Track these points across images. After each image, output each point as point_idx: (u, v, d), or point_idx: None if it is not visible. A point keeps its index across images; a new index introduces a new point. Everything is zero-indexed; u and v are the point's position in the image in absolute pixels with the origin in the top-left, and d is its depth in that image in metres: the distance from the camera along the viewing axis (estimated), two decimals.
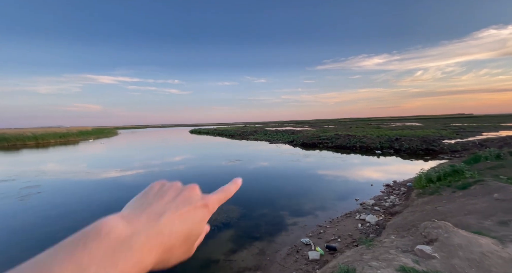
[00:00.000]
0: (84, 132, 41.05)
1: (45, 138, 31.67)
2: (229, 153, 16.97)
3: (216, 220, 5.06)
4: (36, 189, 8.01)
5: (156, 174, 10.25)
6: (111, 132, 52.31)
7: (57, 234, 4.67)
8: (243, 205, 6.03)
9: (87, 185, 8.60)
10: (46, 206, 6.43)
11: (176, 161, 13.62)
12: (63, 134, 35.45)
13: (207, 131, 49.07)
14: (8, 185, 8.71)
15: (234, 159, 13.56)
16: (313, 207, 5.84)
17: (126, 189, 7.95)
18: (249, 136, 32.13)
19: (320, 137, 20.44)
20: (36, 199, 6.98)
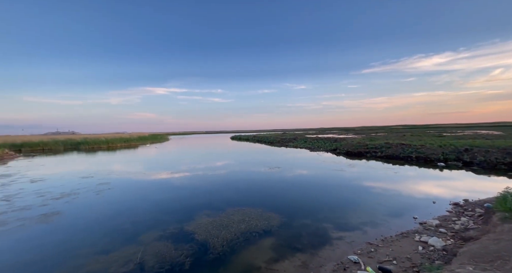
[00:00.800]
0: (142, 138, 47.08)
1: (114, 142, 37.50)
2: (269, 159, 17.01)
3: (257, 226, 5.07)
4: (107, 186, 9.47)
5: (200, 177, 10.96)
6: (164, 138, 58.60)
7: (122, 226, 5.38)
8: (284, 213, 5.90)
9: (143, 185, 9.75)
10: (114, 200, 7.52)
11: (218, 166, 14.33)
12: (127, 139, 41.39)
13: (247, 138, 50.43)
14: (89, 181, 10.53)
15: (274, 166, 13.50)
16: (360, 221, 5.33)
17: (173, 190, 8.71)
18: (288, 143, 31.69)
19: (368, 146, 18.75)
20: (107, 194, 8.24)
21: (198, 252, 4.09)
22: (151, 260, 3.84)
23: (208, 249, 4.19)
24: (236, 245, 4.32)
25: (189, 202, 7.09)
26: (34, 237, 4.94)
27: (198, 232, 4.87)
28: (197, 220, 5.56)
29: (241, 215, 5.80)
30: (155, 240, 4.56)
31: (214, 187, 8.95)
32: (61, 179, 11.09)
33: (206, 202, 7.05)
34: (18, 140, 32.68)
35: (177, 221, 5.52)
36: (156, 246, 4.33)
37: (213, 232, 4.85)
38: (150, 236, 4.77)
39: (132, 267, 3.67)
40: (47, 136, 46.94)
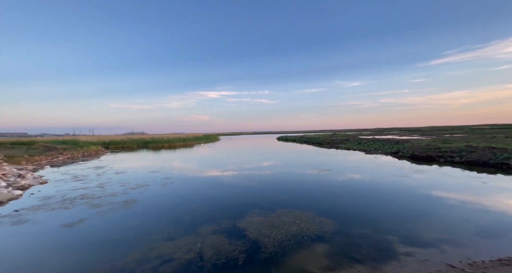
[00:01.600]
0: (197, 138, 51.91)
1: (174, 141, 42.54)
2: (317, 161, 16.24)
3: (309, 230, 4.87)
4: (170, 180, 10.76)
5: (249, 176, 11.29)
6: (215, 138, 63.22)
7: (183, 217, 5.99)
8: (337, 219, 5.50)
9: (199, 181, 10.66)
10: (175, 193, 8.47)
11: (265, 166, 14.48)
12: (184, 139, 46.35)
13: (293, 138, 49.54)
14: (156, 175, 12.19)
15: (324, 168, 12.81)
16: (436, 238, 4.49)
17: (225, 187, 9.22)
18: (339, 145, 29.62)
19: (440, 149, 15.83)
20: (170, 187, 9.35)
21: (250, 250, 4.19)
22: (208, 251, 4.14)
23: (260, 248, 4.24)
24: (287, 247, 4.24)
25: (239, 200, 7.37)
26: (119, 218, 5.99)
27: (249, 229, 4.99)
28: (247, 218, 5.72)
29: (291, 217, 5.68)
30: (211, 233, 4.90)
31: (262, 187, 9.08)
32: (136, 172, 13.18)
33: (255, 201, 7.20)
34: (106, 139, 40.64)
35: (230, 217, 5.80)
36: (212, 238, 4.64)
37: (264, 231, 4.89)
38: (207, 229, 5.15)
39: (193, 255, 4.03)
40: (125, 136, 56.81)
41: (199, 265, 3.74)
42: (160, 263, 3.80)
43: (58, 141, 29.93)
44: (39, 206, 7.06)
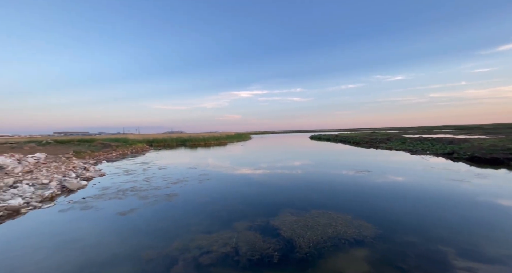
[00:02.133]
0: (230, 137, 53.63)
1: (209, 140, 44.71)
2: (354, 161, 15.27)
3: (346, 233, 4.62)
4: (206, 176, 11.35)
5: (281, 175, 11.22)
6: (247, 137, 64.45)
7: (219, 212, 6.27)
8: (378, 224, 5.10)
9: (233, 178, 11.01)
10: (211, 189, 8.91)
11: (297, 165, 14.20)
12: (218, 137, 48.34)
13: (327, 137, 47.48)
14: (193, 171, 13.01)
15: (362, 169, 11.99)
16: (504, 254, 3.82)
17: (258, 185, 9.33)
18: (380, 144, 27.35)
19: (511, 150, 13.37)
20: (207, 183, 9.87)
21: (284, 248, 4.17)
22: (244, 247, 4.26)
23: (295, 247, 4.19)
24: (323, 249, 4.10)
25: (272, 198, 7.39)
26: (163, 210, 6.57)
27: (283, 228, 4.98)
28: (281, 216, 5.71)
29: (326, 218, 5.47)
30: (246, 229, 5.02)
31: (295, 186, 8.94)
32: (176, 168, 14.26)
33: (288, 200, 7.13)
34: (150, 137, 44.88)
35: (263, 215, 5.86)
36: (247, 234, 4.76)
37: (298, 231, 4.81)
38: (241, 225, 5.30)
39: (229, 249, 4.19)
40: (166, 134, 61.94)
41: (235, 259, 3.88)
42: (199, 254, 4.05)
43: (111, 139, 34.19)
44: (99, 195, 8.19)
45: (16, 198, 7.08)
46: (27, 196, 7.45)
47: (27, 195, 7.52)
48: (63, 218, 6.10)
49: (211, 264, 3.76)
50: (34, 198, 7.39)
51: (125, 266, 3.79)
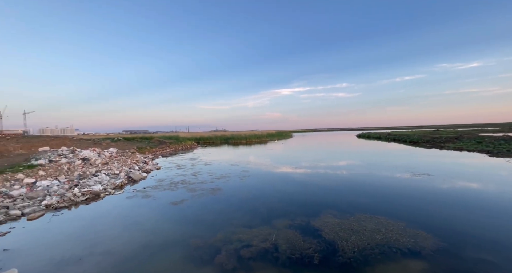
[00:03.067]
0: (270, 135, 53.95)
1: (250, 138, 45.91)
2: (411, 163, 13.47)
3: (398, 242, 4.15)
4: (247, 173, 11.72)
5: (323, 175, 10.74)
6: (288, 135, 63.70)
7: (259, 209, 6.42)
8: (441, 235, 4.40)
9: (273, 176, 11.06)
10: (252, 186, 9.17)
11: (342, 166, 13.33)
12: (259, 136, 49.19)
13: (378, 136, 43.15)
14: (235, 168, 13.60)
15: (420, 172, 10.51)
16: None
17: (298, 184, 9.14)
18: (445, 144, 23.45)
19: None
20: (248, 180, 10.20)
21: (326, 250, 4.01)
22: (283, 244, 4.27)
23: (337, 250, 3.99)
24: (370, 255, 3.78)
25: (313, 198, 7.16)
26: (208, 203, 7.09)
27: (324, 230, 4.78)
28: (322, 218, 5.49)
29: (374, 223, 5.01)
30: (285, 227, 5.02)
31: (339, 187, 8.44)
32: (219, 164, 15.15)
33: (331, 201, 6.79)
34: (197, 135, 48.75)
35: (304, 215, 5.74)
36: (286, 232, 4.75)
37: (341, 234, 4.55)
38: (281, 222, 5.31)
39: (269, 245, 4.26)
40: (211, 133, 66.20)
41: (274, 256, 3.92)
42: (240, 247, 4.25)
43: (166, 137, 38.43)
44: (156, 186, 9.35)
45: (97, 184, 8.69)
46: (104, 183, 9.05)
47: (104, 182, 9.15)
48: (129, 204, 7.20)
49: (251, 257, 3.90)
50: (109, 185, 8.93)
51: (177, 250, 4.25)
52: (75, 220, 5.96)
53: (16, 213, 6.02)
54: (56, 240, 4.77)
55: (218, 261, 3.82)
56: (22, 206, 6.51)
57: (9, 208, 6.34)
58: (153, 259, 3.98)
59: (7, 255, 4.13)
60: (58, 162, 11.39)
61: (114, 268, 3.71)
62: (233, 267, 3.65)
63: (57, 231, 5.26)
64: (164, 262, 3.86)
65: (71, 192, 7.72)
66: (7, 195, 7.16)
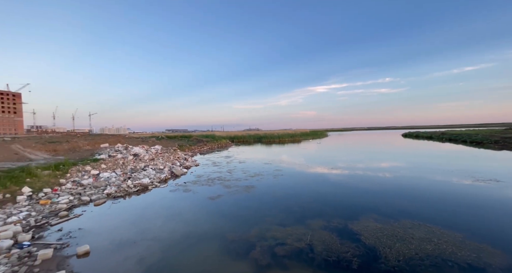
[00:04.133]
0: (304, 134, 52.58)
1: (283, 137, 45.50)
2: (473, 167, 11.62)
3: (456, 255, 3.65)
4: (280, 172, 11.68)
5: (360, 177, 10.03)
6: (323, 134, 61.17)
7: (292, 208, 6.35)
8: None
9: (308, 176, 10.79)
10: (285, 185, 9.11)
11: (384, 168, 12.23)
12: (292, 135, 48.38)
13: (429, 135, 38.38)
14: (268, 166, 13.68)
15: (484, 178, 9.01)
16: None
17: (334, 185, 8.73)
18: None
19: None
20: (281, 179, 10.16)
21: (366, 256, 3.77)
22: (318, 245, 4.15)
23: (379, 257, 3.71)
24: (418, 266, 3.42)
25: (351, 201, 6.77)
26: (243, 199, 7.31)
27: (364, 234, 4.49)
28: (362, 221, 5.15)
29: (424, 232, 4.50)
30: (320, 228, 4.87)
31: (381, 191, 7.79)
32: (253, 162, 15.43)
33: (371, 205, 6.32)
34: (232, 134, 50.42)
35: (340, 217, 5.48)
36: (321, 234, 4.61)
37: (384, 240, 4.21)
38: (316, 223, 5.16)
39: (303, 245, 4.20)
40: (244, 132, 67.71)
41: (310, 256, 3.85)
42: (274, 244, 4.28)
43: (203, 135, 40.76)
44: (195, 181, 10.03)
45: (145, 178, 9.74)
46: (151, 177, 10.09)
47: (151, 176, 10.20)
48: (172, 196, 7.88)
49: (286, 255, 3.90)
50: (155, 179, 9.93)
51: (214, 242, 4.51)
52: (129, 208, 6.80)
53: (86, 199, 7.17)
54: (116, 224, 5.53)
55: (253, 256, 3.93)
56: (90, 193, 7.71)
57: (81, 194, 7.59)
58: (193, 248, 4.30)
59: (81, 233, 4.96)
60: (115, 157, 13.11)
61: (161, 253, 4.13)
62: (267, 263, 3.71)
63: (116, 216, 6.09)
64: (203, 252, 4.14)
65: (126, 184, 8.81)
66: (79, 183, 8.57)
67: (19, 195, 6.98)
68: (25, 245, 4.18)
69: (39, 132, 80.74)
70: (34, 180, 8.12)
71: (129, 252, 4.17)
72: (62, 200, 6.85)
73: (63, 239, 4.63)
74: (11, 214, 5.67)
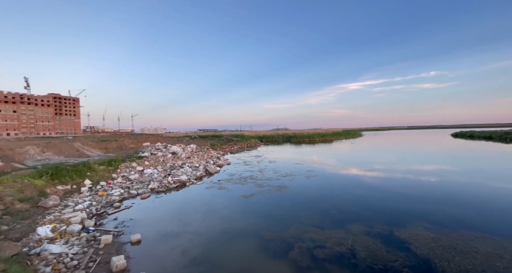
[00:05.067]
0: (336, 133, 50.23)
1: (313, 136, 44.13)
2: None
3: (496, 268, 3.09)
4: (313, 173, 11.35)
5: (402, 180, 9.18)
6: (356, 134, 57.67)
7: (329, 210, 6.11)
8: None
9: (343, 177, 10.28)
10: (319, 186, 8.81)
11: (430, 171, 11.01)
12: (323, 134, 46.61)
13: (488, 135, 33.46)
14: (300, 166, 13.41)
15: None
16: None
17: (371, 188, 8.15)
18: None
19: None
20: (314, 180, 9.87)
21: (418, 267, 3.43)
22: (361, 251, 3.92)
23: (434, 270, 3.34)
24: None
25: (395, 205, 6.24)
26: (276, 199, 7.29)
27: (414, 243, 4.09)
28: (410, 229, 4.71)
29: (491, 246, 3.91)
30: (362, 234, 4.59)
31: (429, 196, 7.03)
32: (283, 162, 15.28)
33: (419, 211, 5.74)
34: (260, 134, 50.74)
35: (384, 222, 5.09)
36: (364, 239, 4.34)
37: (439, 252, 3.78)
38: (357, 227, 4.88)
39: (344, 249, 4.01)
40: (273, 131, 67.60)
41: (352, 262, 3.66)
42: (313, 246, 4.17)
43: (232, 135, 41.83)
44: (228, 179, 10.34)
45: (183, 175, 10.38)
46: (188, 174, 10.71)
47: (188, 173, 10.83)
48: (208, 193, 8.25)
49: (326, 259, 3.76)
50: (192, 176, 10.51)
51: (251, 239, 4.58)
52: (171, 202, 7.32)
53: (134, 192, 7.94)
54: (160, 216, 6.00)
55: (292, 256, 3.88)
56: (137, 187, 8.51)
57: (129, 188, 8.43)
58: (231, 244, 4.43)
59: (132, 223, 5.51)
60: (156, 155, 14.25)
61: (202, 246, 4.35)
62: (307, 265, 3.63)
63: (160, 209, 6.62)
64: (241, 248, 4.24)
65: (166, 180, 9.51)
66: (127, 178, 9.53)
67: (82, 186, 8.07)
68: (90, 230, 4.81)
69: (92, 132, 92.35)
70: (93, 174, 9.30)
71: (173, 243, 4.48)
72: (115, 193, 7.70)
73: (119, 227, 5.19)
74: (78, 202, 6.58)
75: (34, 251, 3.85)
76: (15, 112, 61.03)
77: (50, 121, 68.53)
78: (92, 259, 3.79)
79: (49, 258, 3.70)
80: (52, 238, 4.37)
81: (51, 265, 3.52)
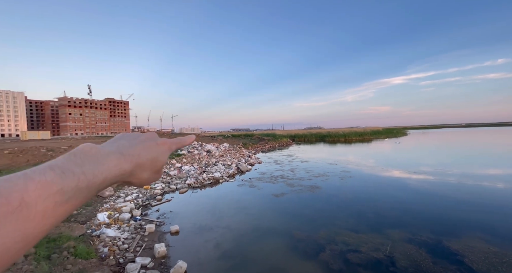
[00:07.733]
0: (376, 132, 46.43)
1: (349, 135, 41.60)
2: None
3: None
4: (348, 174, 10.74)
5: (453, 185, 8.03)
6: (400, 133, 52.38)
7: (365, 214, 5.73)
8: None
9: (381, 179, 9.50)
10: (355, 188, 8.31)
11: (491, 175, 9.38)
12: (361, 133, 43.56)
13: None
14: (334, 167, 12.83)
15: None
16: None
17: (416, 192, 7.36)
18: None
19: None
20: (349, 181, 9.34)
21: None
22: (402, 259, 3.60)
23: None
24: None
25: (445, 212, 5.53)
26: (308, 199, 7.14)
27: (469, 257, 3.58)
28: (464, 240, 4.13)
29: None
30: (403, 241, 4.19)
31: (490, 204, 6.03)
32: (316, 162, 14.79)
33: (477, 220, 4.98)
34: (292, 133, 49.94)
35: (430, 230, 4.56)
36: (405, 247, 3.96)
37: (503, 270, 3.24)
38: (396, 234, 4.49)
39: (382, 256, 3.73)
40: (305, 130, 65.80)
41: (390, 270, 3.39)
42: (346, 250, 3.98)
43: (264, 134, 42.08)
44: (259, 178, 10.48)
45: (217, 172, 10.90)
46: (221, 171, 11.19)
47: (221, 171, 11.32)
48: (240, 190, 8.50)
49: (361, 264, 3.56)
50: (224, 174, 10.96)
51: (282, 238, 4.59)
52: (205, 197, 7.76)
53: (173, 187, 8.65)
54: (196, 210, 6.43)
55: (323, 258, 3.78)
56: (175, 183, 9.26)
57: (169, 183, 9.22)
58: (262, 241, 4.51)
59: (172, 215, 6.03)
60: (192, 153, 15.24)
61: (233, 241, 4.53)
62: (339, 268, 3.49)
63: (196, 203, 7.09)
64: (271, 245, 4.29)
65: (202, 176, 10.11)
66: (168, 174, 10.42)
67: None
68: (137, 219, 5.43)
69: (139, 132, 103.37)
70: None
71: (208, 236, 4.76)
72: (157, 187, 8.50)
73: (160, 218, 5.74)
74: (127, 194, 7.48)
75: (95, 233, 4.54)
76: (81, 115, 72.20)
77: (107, 122, 78.99)
78: (138, 244, 4.29)
79: (106, 240, 4.32)
80: (108, 223, 5.07)
81: (107, 246, 4.11)
